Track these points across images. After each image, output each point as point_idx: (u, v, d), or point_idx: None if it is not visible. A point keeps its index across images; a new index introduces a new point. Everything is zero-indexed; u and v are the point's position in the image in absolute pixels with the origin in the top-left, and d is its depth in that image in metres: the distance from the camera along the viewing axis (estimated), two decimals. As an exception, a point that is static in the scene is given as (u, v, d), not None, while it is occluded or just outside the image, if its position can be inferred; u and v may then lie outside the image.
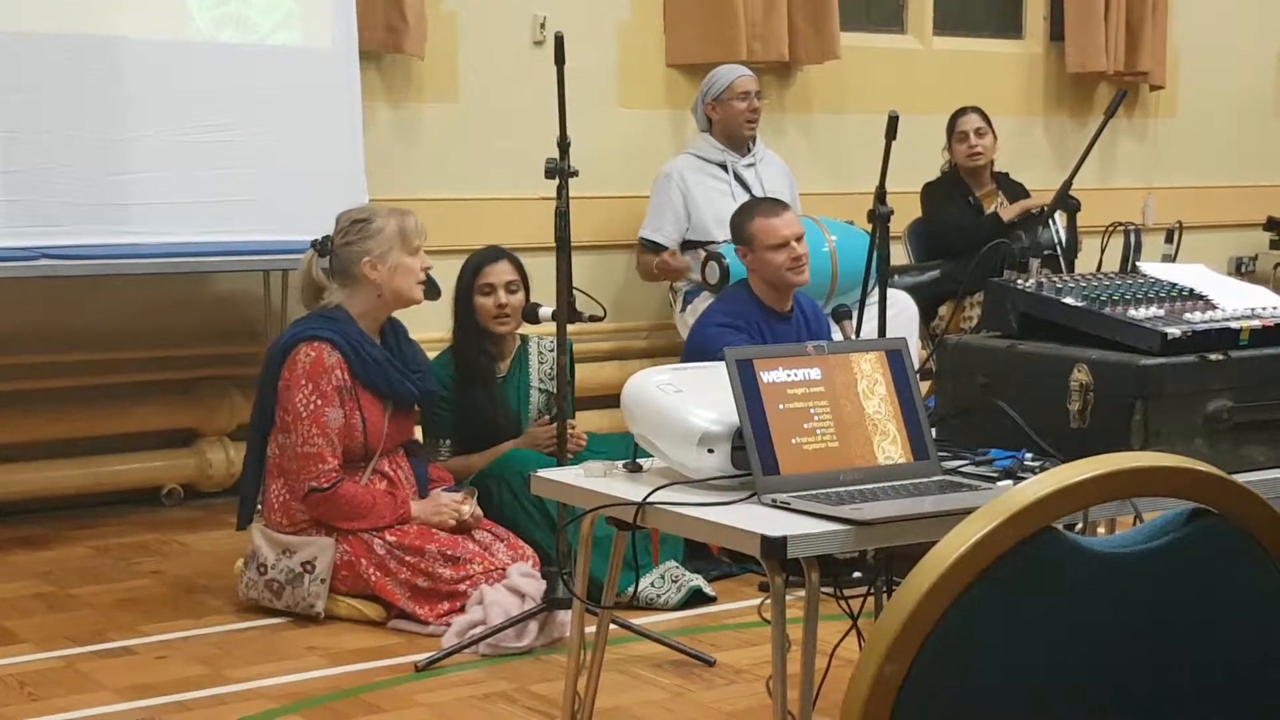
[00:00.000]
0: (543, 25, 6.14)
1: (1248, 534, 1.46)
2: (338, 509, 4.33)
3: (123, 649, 4.14)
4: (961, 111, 6.48)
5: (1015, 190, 6.50)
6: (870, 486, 2.74)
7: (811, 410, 2.79)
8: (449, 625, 4.19)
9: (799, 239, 4.83)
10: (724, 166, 6.08)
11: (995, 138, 6.45)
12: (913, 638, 1.36)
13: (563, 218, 4.09)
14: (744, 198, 5.95)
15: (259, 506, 4.47)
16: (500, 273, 4.83)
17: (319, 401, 4.29)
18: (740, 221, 4.92)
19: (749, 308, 4.84)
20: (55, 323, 5.48)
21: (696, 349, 4.67)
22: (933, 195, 6.47)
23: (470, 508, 4.47)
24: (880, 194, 4.18)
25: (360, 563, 4.33)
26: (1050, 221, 5.69)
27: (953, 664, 1.37)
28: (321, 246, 4.43)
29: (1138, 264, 3.34)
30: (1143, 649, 1.43)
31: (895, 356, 2.92)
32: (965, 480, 2.81)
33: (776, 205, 4.96)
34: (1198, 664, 1.45)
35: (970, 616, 1.36)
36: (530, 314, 4.75)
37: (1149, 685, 1.43)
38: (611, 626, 3.30)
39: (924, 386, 3.05)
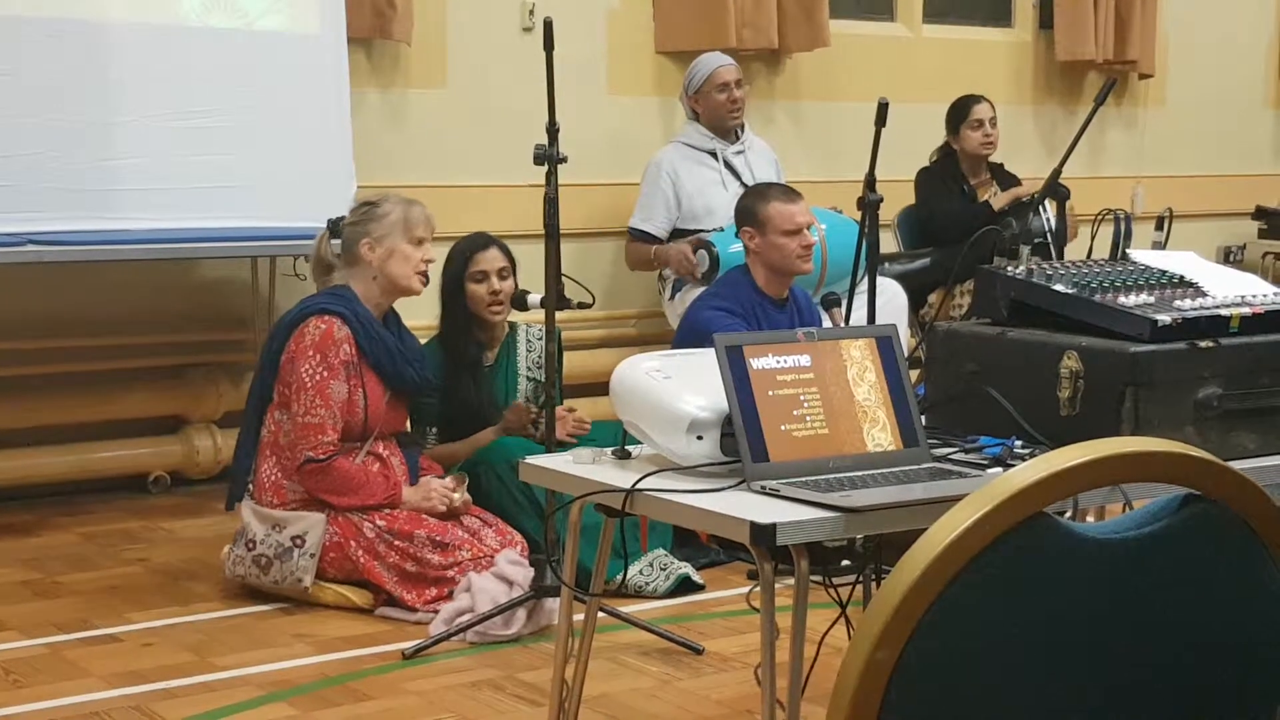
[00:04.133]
0: (531, 11, 6.12)
1: (1241, 519, 1.45)
2: (331, 482, 4.32)
3: (109, 636, 4.13)
4: (975, 99, 6.46)
5: (1009, 182, 6.50)
6: (860, 474, 2.73)
7: (801, 397, 2.78)
8: (436, 612, 4.18)
9: (809, 227, 4.82)
10: (713, 154, 6.07)
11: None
12: (904, 624, 1.35)
13: (552, 204, 4.07)
14: (734, 185, 5.95)
15: (249, 486, 4.46)
16: (492, 259, 4.82)
17: (325, 373, 4.30)
18: (753, 204, 4.85)
19: (746, 293, 4.82)
20: (42, 309, 5.46)
21: (692, 332, 4.64)
22: (928, 182, 6.46)
23: (461, 495, 4.47)
24: (870, 181, 4.16)
25: (349, 545, 4.32)
26: (1040, 209, 5.68)
27: (944, 650, 1.36)
28: (334, 226, 4.47)
29: (1128, 251, 3.33)
30: (1136, 634, 1.42)
31: (885, 343, 2.91)
32: (955, 467, 2.80)
33: (791, 192, 4.92)
34: (1191, 649, 1.44)
35: (962, 602, 1.36)
36: (519, 301, 4.73)
37: (1142, 670, 1.42)
38: (600, 614, 3.30)
39: (912, 375, 3.04)
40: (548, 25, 4.04)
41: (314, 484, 4.34)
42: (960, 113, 6.46)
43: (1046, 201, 5.44)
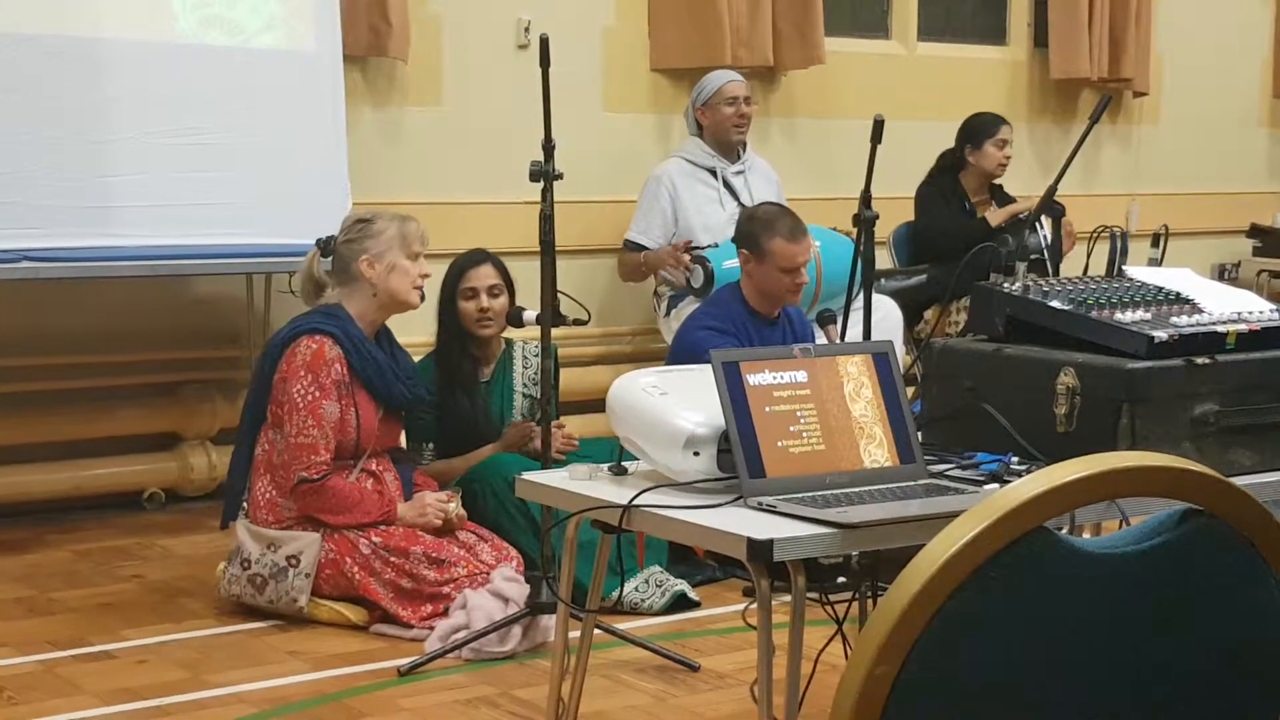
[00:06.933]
0: (527, 29, 6.12)
1: (1241, 534, 1.45)
2: (325, 501, 4.32)
3: (103, 653, 4.12)
4: (1000, 119, 6.46)
5: (1006, 201, 6.50)
6: (856, 490, 2.73)
7: (798, 413, 2.78)
8: (432, 629, 4.17)
9: (806, 266, 4.82)
10: (713, 172, 6.07)
11: None
12: (903, 639, 1.35)
13: (547, 221, 4.07)
14: (732, 205, 5.95)
15: (244, 504, 4.46)
16: (482, 276, 4.82)
17: (317, 393, 4.30)
18: (759, 232, 4.80)
19: (736, 311, 4.82)
20: (36, 326, 5.45)
21: (683, 351, 4.65)
22: (928, 196, 6.45)
23: (455, 506, 4.47)
24: (865, 198, 4.16)
25: (345, 561, 4.32)
26: (1037, 225, 5.68)
27: (943, 665, 1.36)
28: (325, 245, 4.46)
29: (1124, 268, 3.34)
30: (1134, 649, 1.41)
31: (882, 359, 2.91)
32: (952, 484, 2.80)
33: (799, 229, 4.84)
34: (1190, 664, 1.44)
35: (961, 617, 1.35)
36: (515, 318, 4.73)
37: (1140, 685, 1.42)
38: (596, 631, 3.29)
39: (908, 392, 3.04)
40: (543, 42, 4.04)
41: (308, 504, 4.33)
42: (986, 129, 6.42)
43: (1042, 218, 5.44)
